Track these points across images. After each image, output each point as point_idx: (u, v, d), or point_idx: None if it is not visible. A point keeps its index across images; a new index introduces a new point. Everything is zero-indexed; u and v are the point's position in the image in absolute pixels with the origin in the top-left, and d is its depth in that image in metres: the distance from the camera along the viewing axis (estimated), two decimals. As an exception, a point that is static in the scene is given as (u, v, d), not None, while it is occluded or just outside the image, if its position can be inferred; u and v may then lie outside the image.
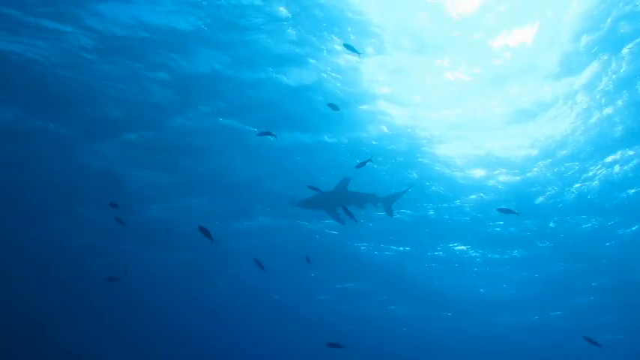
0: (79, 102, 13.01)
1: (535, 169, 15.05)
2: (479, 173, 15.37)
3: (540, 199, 16.36)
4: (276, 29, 10.96)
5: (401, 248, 20.86)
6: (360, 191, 13.35)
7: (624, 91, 11.93)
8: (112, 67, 12.01)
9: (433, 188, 16.15)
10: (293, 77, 12.25)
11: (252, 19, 10.70)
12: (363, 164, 10.85)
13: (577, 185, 15.59)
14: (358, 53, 10.16)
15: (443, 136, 13.96)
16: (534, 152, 14.41)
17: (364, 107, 13.10)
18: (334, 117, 13.23)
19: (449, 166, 15.14)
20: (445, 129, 13.72)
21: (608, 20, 10.32)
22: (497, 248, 20.16)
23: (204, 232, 8.93)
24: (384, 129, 13.81)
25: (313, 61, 11.73)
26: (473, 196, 16.48)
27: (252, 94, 12.76)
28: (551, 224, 17.92)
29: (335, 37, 11.08)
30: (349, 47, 9.88)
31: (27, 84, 12.35)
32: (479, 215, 17.53)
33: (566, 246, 19.23)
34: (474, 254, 20.94)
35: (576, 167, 14.77)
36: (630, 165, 14.40)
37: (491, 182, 15.71)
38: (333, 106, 10.57)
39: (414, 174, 15.45)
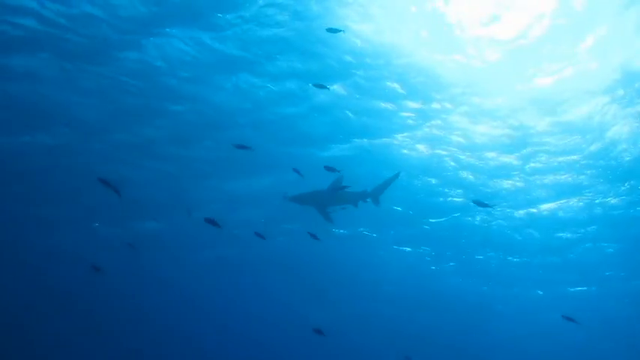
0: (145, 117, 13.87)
1: (581, 176, 15.28)
2: (516, 180, 15.67)
3: (580, 204, 16.65)
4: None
5: (422, 249, 21.36)
6: (352, 190, 13.59)
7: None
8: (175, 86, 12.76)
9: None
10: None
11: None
12: (332, 169, 10.98)
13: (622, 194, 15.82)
14: (343, 31, 10.27)
15: (485, 147, 14.36)
16: (575, 157, 14.59)
17: (405, 114, 13.54)
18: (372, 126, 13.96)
19: (486, 176, 15.61)
20: (488, 141, 14.12)
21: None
22: (531, 252, 20.44)
23: (211, 222, 9.39)
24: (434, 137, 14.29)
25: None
26: (506, 202, 16.84)
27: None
28: (592, 227, 18.20)
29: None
30: (332, 30, 10.03)
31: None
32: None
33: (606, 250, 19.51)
34: (508, 257, 21.28)
35: (620, 173, 14.91)
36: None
37: (533, 189, 16.04)
38: (320, 86, 10.96)
39: (469, 174, 15.78)
